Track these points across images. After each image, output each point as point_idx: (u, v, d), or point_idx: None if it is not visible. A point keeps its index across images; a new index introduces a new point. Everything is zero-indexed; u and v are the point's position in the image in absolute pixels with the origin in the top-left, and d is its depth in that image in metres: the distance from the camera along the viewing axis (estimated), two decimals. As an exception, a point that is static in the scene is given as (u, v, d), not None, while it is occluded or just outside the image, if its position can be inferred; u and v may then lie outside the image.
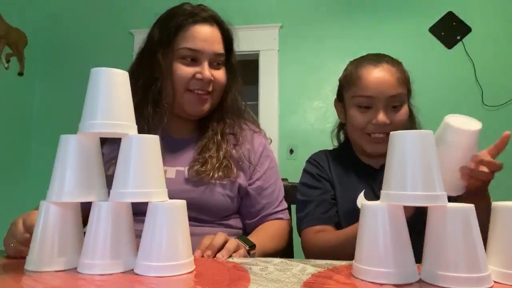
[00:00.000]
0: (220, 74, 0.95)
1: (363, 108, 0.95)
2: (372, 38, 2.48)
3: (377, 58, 0.98)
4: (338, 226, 0.98)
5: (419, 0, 2.50)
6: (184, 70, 0.91)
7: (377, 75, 0.94)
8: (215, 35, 0.94)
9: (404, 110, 0.96)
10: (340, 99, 1.05)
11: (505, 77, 2.35)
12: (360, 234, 0.58)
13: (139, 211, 0.65)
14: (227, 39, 0.98)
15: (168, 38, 0.92)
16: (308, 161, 1.10)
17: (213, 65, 0.94)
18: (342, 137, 1.12)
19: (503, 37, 2.38)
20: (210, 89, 0.93)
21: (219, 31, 0.95)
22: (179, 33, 0.92)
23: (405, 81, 0.96)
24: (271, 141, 1.09)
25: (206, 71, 0.91)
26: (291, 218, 1.08)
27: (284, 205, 1.02)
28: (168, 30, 0.92)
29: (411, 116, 1.03)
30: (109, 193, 0.62)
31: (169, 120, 0.94)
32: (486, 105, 2.34)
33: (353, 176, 1.01)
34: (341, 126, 1.11)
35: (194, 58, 0.92)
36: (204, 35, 0.92)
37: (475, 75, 2.37)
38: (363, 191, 0.98)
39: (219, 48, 0.94)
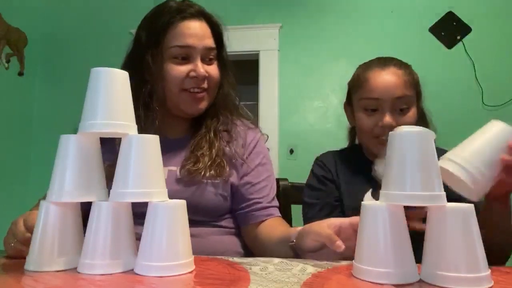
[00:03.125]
0: (213, 69, 0.94)
1: (370, 110, 0.96)
2: (372, 38, 2.48)
3: (384, 61, 0.99)
4: None
5: (419, 0, 2.50)
6: (177, 70, 0.89)
7: (384, 77, 0.95)
8: (204, 29, 0.92)
9: (412, 113, 0.95)
10: (349, 103, 1.05)
11: (505, 77, 2.35)
12: (360, 234, 0.58)
13: (139, 213, 0.65)
14: (217, 33, 0.96)
15: (156, 38, 0.90)
16: (315, 162, 1.09)
17: (206, 61, 0.92)
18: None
19: (503, 37, 2.38)
20: (206, 86, 0.92)
21: (207, 25, 0.94)
22: (168, 31, 0.90)
23: (413, 83, 0.96)
24: (268, 137, 1.05)
25: (200, 67, 0.89)
26: (291, 218, 1.08)
27: (277, 203, 0.98)
28: (155, 29, 0.90)
29: (424, 119, 1.03)
30: (107, 192, 0.63)
31: (163, 120, 0.93)
32: (486, 105, 2.34)
33: (361, 177, 1.00)
34: (354, 128, 1.11)
35: (185, 56, 0.90)
36: (194, 31, 0.90)
37: (475, 75, 2.37)
38: (370, 190, 0.97)
39: (210, 42, 0.92)
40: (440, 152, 0.98)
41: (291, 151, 2.53)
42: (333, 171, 1.04)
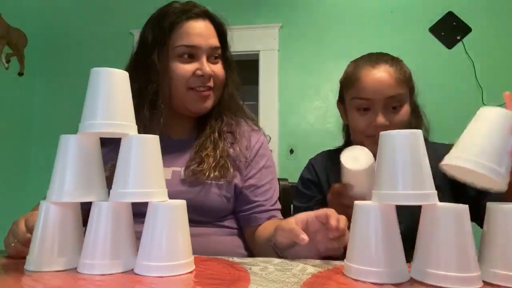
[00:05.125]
0: (219, 68, 0.94)
1: (362, 110, 0.96)
2: (372, 38, 2.48)
3: (376, 58, 0.98)
4: None
5: (419, 0, 2.50)
6: (183, 68, 0.90)
7: (375, 76, 0.94)
8: (209, 29, 0.93)
9: (404, 110, 0.95)
10: (342, 101, 1.05)
11: (505, 77, 2.35)
12: (352, 233, 0.59)
13: (139, 212, 0.65)
14: (221, 32, 0.97)
15: (162, 38, 0.91)
16: (306, 165, 1.10)
17: (211, 60, 0.93)
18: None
19: (503, 37, 2.39)
20: (212, 84, 0.93)
21: (212, 25, 0.95)
22: (174, 31, 0.91)
23: (405, 80, 0.96)
24: (270, 138, 1.06)
25: (206, 66, 0.90)
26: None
27: (279, 206, 0.99)
28: (161, 29, 0.91)
29: (417, 114, 1.02)
30: (107, 192, 0.63)
31: (167, 121, 0.94)
32: (486, 105, 2.33)
33: None
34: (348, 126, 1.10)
35: (191, 55, 0.91)
36: (199, 30, 0.91)
37: (475, 75, 2.37)
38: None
39: (214, 41, 0.93)
40: (434, 146, 0.98)
41: (291, 151, 2.53)
42: (322, 173, 1.04)
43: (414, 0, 2.50)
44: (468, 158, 0.58)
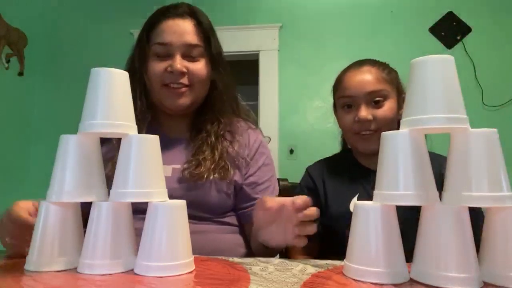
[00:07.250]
0: (196, 67, 0.93)
1: (347, 107, 1.01)
2: (372, 38, 2.48)
3: (361, 62, 1.04)
4: (329, 230, 0.99)
5: (419, 0, 2.50)
6: (157, 66, 0.92)
7: (358, 76, 1.00)
8: (186, 26, 0.93)
9: (388, 106, 0.98)
10: (335, 105, 1.11)
11: (505, 77, 2.35)
12: (352, 233, 0.59)
13: (139, 209, 0.65)
14: (204, 30, 0.95)
15: (143, 38, 0.94)
16: (304, 173, 1.14)
17: (189, 58, 0.92)
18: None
19: (503, 37, 2.39)
20: (187, 82, 0.92)
21: (192, 22, 0.94)
22: (152, 30, 0.93)
23: (388, 80, 0.99)
24: (270, 139, 1.07)
25: (177, 63, 0.90)
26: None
27: None
28: (143, 30, 0.95)
29: None
30: (108, 192, 0.63)
31: (161, 119, 0.96)
32: (486, 105, 2.34)
33: (346, 179, 1.04)
34: None
35: (166, 53, 0.92)
36: (173, 28, 0.92)
37: (475, 75, 2.37)
38: (357, 195, 0.98)
39: (191, 39, 0.92)
40: (434, 157, 1.00)
41: (291, 151, 2.53)
42: (318, 180, 1.07)
43: (414, 0, 2.50)
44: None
